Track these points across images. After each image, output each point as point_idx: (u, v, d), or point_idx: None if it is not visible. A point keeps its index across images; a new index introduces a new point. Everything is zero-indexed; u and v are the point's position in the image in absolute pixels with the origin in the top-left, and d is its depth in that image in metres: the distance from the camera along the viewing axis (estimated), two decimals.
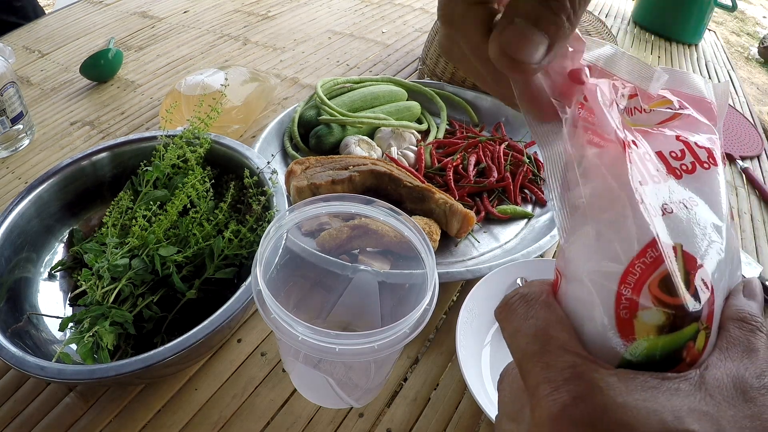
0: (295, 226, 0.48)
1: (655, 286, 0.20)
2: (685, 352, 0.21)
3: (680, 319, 0.20)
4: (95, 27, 1.29)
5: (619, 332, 0.21)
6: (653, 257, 0.20)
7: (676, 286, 0.20)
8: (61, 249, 0.63)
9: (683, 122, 0.25)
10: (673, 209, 0.22)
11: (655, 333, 0.20)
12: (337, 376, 0.48)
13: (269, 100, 0.98)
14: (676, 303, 0.20)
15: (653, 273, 0.20)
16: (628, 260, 0.20)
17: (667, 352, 0.20)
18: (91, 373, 0.44)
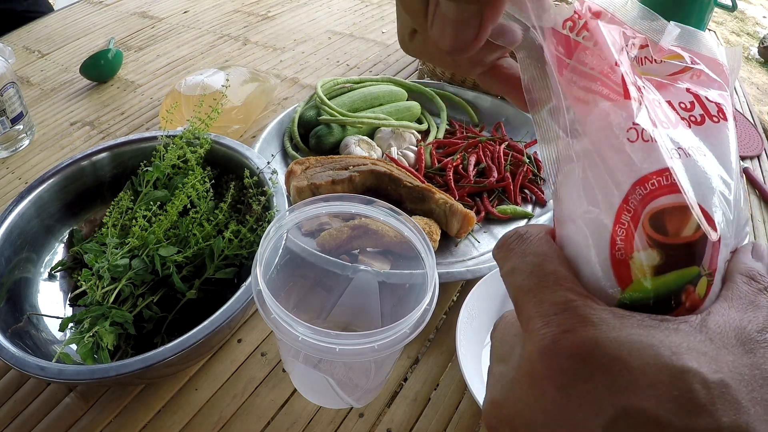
0: (295, 226, 0.48)
1: (649, 225, 0.19)
2: (684, 295, 0.20)
3: (678, 259, 0.19)
4: (95, 27, 1.29)
5: (615, 274, 0.20)
6: (648, 190, 0.19)
7: (691, 207, 0.19)
8: (61, 249, 0.63)
9: (694, 76, 0.24)
10: (680, 154, 0.20)
11: (652, 273, 0.19)
12: (337, 376, 0.48)
13: (269, 100, 0.98)
14: (669, 241, 0.19)
15: (647, 208, 0.19)
16: (622, 196, 0.20)
17: (665, 293, 0.19)
18: (92, 374, 0.44)
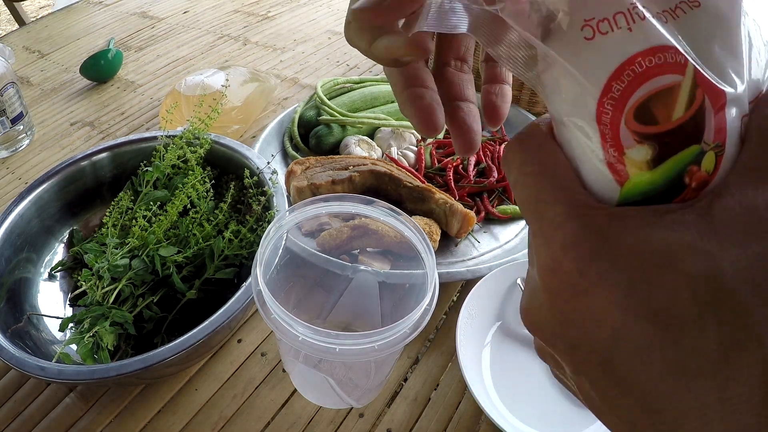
0: (295, 227, 0.48)
1: (634, 119, 0.18)
2: (687, 177, 0.18)
3: (675, 143, 0.18)
4: (95, 27, 1.29)
5: (612, 172, 0.19)
6: (624, 83, 0.18)
7: (677, 98, 0.17)
8: (61, 249, 0.63)
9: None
10: (668, 18, 0.18)
11: (649, 167, 0.18)
12: (338, 376, 0.48)
13: (269, 100, 0.98)
14: (658, 131, 0.18)
15: (628, 104, 0.18)
16: (596, 99, 0.18)
17: (665, 182, 0.18)
18: (92, 374, 0.44)
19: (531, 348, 0.57)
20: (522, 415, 0.52)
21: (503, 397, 0.53)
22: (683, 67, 0.17)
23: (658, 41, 0.18)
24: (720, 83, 0.18)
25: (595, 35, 0.18)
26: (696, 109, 0.17)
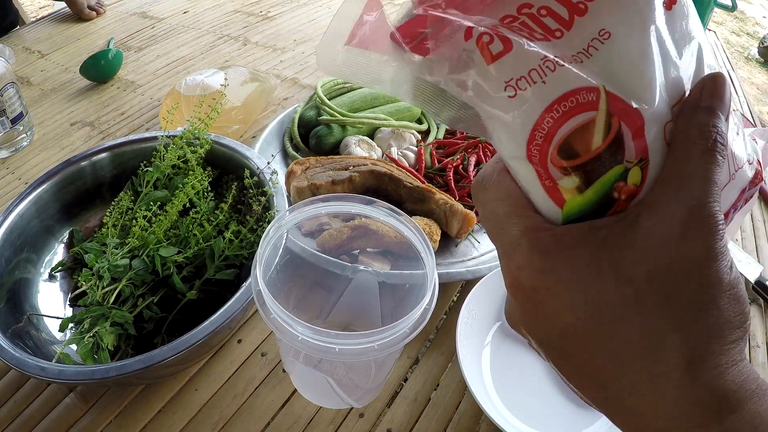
0: (295, 227, 0.48)
1: (558, 156, 0.21)
2: (616, 193, 0.21)
3: (600, 168, 0.20)
4: (95, 27, 1.29)
5: (551, 198, 0.21)
6: (545, 129, 0.21)
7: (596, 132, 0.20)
8: (62, 249, 0.63)
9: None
10: (582, 58, 0.21)
11: (580, 191, 0.21)
12: (338, 376, 0.48)
13: (269, 100, 0.98)
14: (580, 162, 0.20)
15: (550, 145, 0.21)
16: (524, 145, 0.21)
17: (597, 201, 0.21)
18: (92, 374, 0.44)
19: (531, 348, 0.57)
20: (522, 415, 0.52)
21: (503, 397, 0.53)
22: (596, 104, 0.20)
23: (571, 86, 0.20)
24: (635, 105, 0.20)
25: (516, 93, 0.21)
26: (614, 136, 0.20)
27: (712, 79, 0.22)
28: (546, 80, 0.20)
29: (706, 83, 0.22)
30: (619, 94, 0.20)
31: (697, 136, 0.21)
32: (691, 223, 0.20)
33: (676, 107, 0.22)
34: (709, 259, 0.19)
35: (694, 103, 0.22)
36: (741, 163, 0.24)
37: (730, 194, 0.24)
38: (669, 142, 0.21)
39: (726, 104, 0.22)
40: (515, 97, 0.21)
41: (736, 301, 0.20)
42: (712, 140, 0.21)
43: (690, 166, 0.20)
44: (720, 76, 0.23)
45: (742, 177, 0.24)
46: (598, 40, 0.21)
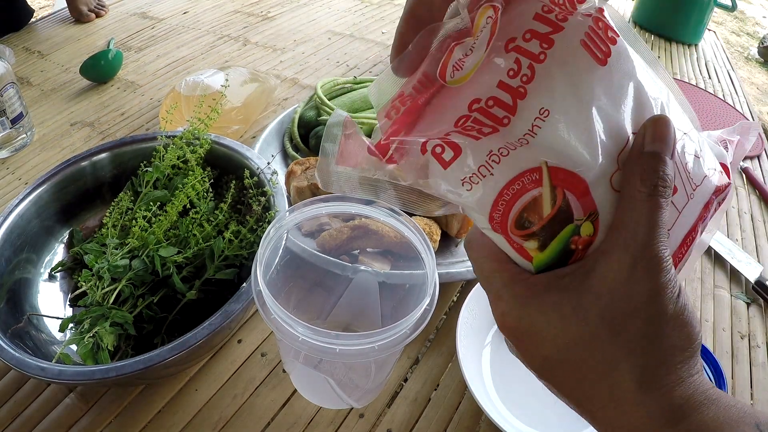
0: (295, 227, 0.48)
1: (513, 228, 0.24)
2: (573, 245, 0.24)
3: (554, 229, 0.24)
4: (95, 28, 1.29)
5: (521, 256, 0.25)
6: (500, 211, 0.24)
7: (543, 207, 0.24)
8: (61, 250, 0.63)
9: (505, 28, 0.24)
10: (528, 138, 0.24)
11: (541, 250, 0.24)
12: (338, 376, 0.48)
13: (269, 100, 0.98)
14: (535, 229, 0.24)
15: (507, 221, 0.24)
16: (487, 223, 0.25)
17: (558, 254, 0.24)
18: (92, 374, 0.44)
19: None
20: (522, 415, 0.52)
21: (503, 397, 0.53)
22: (539, 181, 0.23)
23: (515, 172, 0.24)
24: (577, 171, 0.23)
25: (472, 187, 0.24)
26: (560, 203, 0.24)
27: (653, 122, 0.24)
28: (493, 172, 0.24)
29: (647, 128, 0.24)
30: (562, 165, 0.23)
31: (640, 184, 0.23)
32: (637, 266, 0.23)
33: (621, 155, 0.24)
34: (653, 297, 0.23)
35: (637, 150, 0.24)
36: (700, 179, 0.26)
37: (691, 213, 0.26)
38: (619, 189, 0.24)
39: (669, 144, 0.24)
40: (472, 190, 0.24)
41: (682, 327, 0.23)
42: (654, 187, 0.23)
43: (635, 213, 0.23)
44: (660, 118, 0.24)
45: (705, 190, 0.27)
46: (539, 118, 0.24)
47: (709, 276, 0.73)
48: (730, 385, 0.60)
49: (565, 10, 0.24)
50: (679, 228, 0.26)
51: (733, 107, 1.13)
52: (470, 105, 0.24)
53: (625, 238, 0.23)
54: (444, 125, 0.25)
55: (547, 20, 0.24)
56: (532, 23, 0.24)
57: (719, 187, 0.27)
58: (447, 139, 0.24)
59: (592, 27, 0.24)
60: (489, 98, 0.24)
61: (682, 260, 0.27)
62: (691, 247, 0.27)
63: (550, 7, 0.24)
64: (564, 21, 0.24)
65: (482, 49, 0.24)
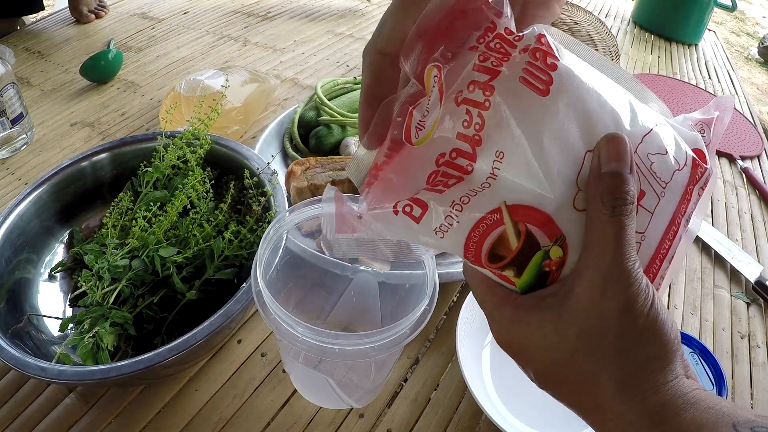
0: (295, 227, 0.48)
1: (489, 261, 0.27)
2: (546, 268, 0.26)
3: (526, 257, 0.26)
4: (95, 28, 1.29)
5: (504, 282, 0.28)
6: (472, 249, 0.27)
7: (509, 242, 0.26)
8: (61, 250, 0.63)
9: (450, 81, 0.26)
10: (491, 182, 0.26)
11: (518, 275, 0.27)
12: (338, 376, 0.48)
13: (269, 101, 0.98)
14: (507, 261, 0.26)
15: (480, 257, 0.27)
16: (463, 259, 0.28)
17: (535, 278, 0.27)
18: (92, 374, 0.44)
19: None
20: (522, 415, 0.52)
21: (503, 397, 0.53)
22: (501, 220, 0.26)
23: (477, 217, 0.26)
24: (536, 204, 0.25)
25: (444, 235, 0.27)
26: (524, 236, 0.26)
27: (605, 142, 0.25)
28: (458, 220, 0.26)
29: (601, 148, 0.25)
30: (520, 202, 0.25)
31: (601, 206, 0.25)
32: (607, 285, 0.24)
33: (579, 177, 0.26)
34: (623, 313, 0.24)
35: (595, 172, 0.25)
36: (669, 176, 0.27)
37: (665, 211, 0.27)
38: (583, 209, 0.26)
39: (625, 159, 0.25)
40: (444, 237, 0.27)
41: (656, 338, 0.25)
42: (614, 207, 0.24)
43: (601, 233, 0.25)
44: (612, 138, 0.25)
45: (676, 186, 0.27)
46: (497, 161, 0.25)
47: (709, 276, 0.73)
48: (730, 385, 0.60)
49: (503, 54, 0.25)
50: (654, 228, 0.27)
51: (734, 107, 1.13)
52: (437, 160, 0.26)
53: (595, 259, 0.25)
54: (418, 183, 0.27)
55: (485, 68, 0.25)
56: (472, 74, 0.25)
57: (694, 177, 0.28)
58: (415, 197, 0.27)
59: (530, 62, 0.25)
60: (452, 150, 0.26)
61: (666, 256, 0.28)
62: (674, 241, 0.28)
63: (486, 54, 0.25)
64: (501, 66, 0.25)
65: (437, 106, 0.26)
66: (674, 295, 0.70)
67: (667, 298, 0.69)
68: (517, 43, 0.26)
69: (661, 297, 0.27)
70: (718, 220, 0.83)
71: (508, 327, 0.27)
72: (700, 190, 0.29)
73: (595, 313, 0.25)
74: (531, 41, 0.26)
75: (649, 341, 0.25)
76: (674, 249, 0.28)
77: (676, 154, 0.28)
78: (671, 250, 0.28)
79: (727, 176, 0.94)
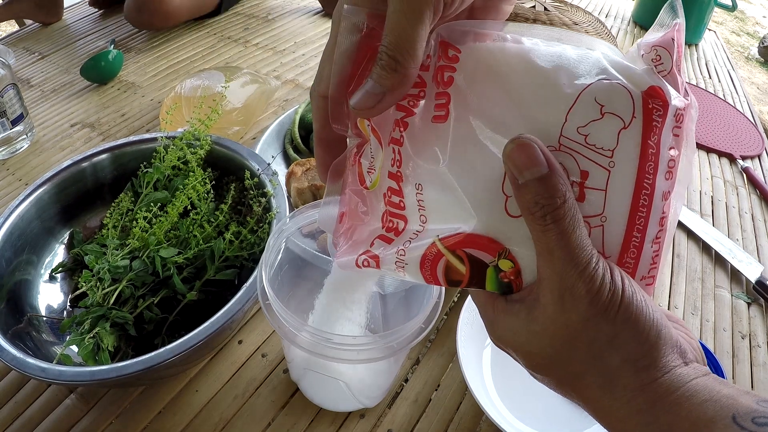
0: (297, 229, 0.48)
1: (449, 286, 0.27)
2: (505, 279, 0.26)
3: (480, 280, 0.26)
4: (96, 28, 1.29)
5: (480, 292, 0.28)
6: (431, 280, 0.27)
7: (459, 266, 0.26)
8: (62, 251, 0.63)
9: None
10: (423, 217, 0.27)
11: (484, 288, 0.27)
12: (353, 379, 0.48)
13: (270, 102, 0.98)
14: (466, 282, 0.27)
15: (441, 283, 0.27)
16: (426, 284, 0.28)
17: (500, 289, 0.27)
18: (92, 375, 0.44)
19: None
20: (522, 415, 0.52)
21: (504, 397, 0.53)
22: (440, 253, 0.26)
23: (418, 256, 0.27)
24: (465, 230, 0.25)
25: (403, 271, 0.28)
26: (467, 259, 0.26)
27: (510, 152, 0.23)
28: (406, 261, 0.27)
29: (509, 161, 0.23)
30: (451, 232, 0.26)
31: (532, 220, 0.24)
32: (564, 296, 0.24)
33: (504, 185, 0.25)
34: (587, 323, 0.23)
35: (515, 186, 0.24)
36: (614, 139, 0.24)
37: (622, 179, 0.24)
38: (519, 214, 0.25)
39: (538, 162, 0.23)
40: (405, 275, 0.28)
41: (631, 339, 0.24)
42: (544, 217, 0.23)
43: (543, 245, 0.24)
44: (516, 145, 0.23)
45: (629, 144, 0.24)
46: (419, 193, 0.26)
47: (710, 276, 0.73)
48: None
49: (418, 83, 0.26)
50: (615, 203, 0.24)
51: (734, 107, 1.13)
52: (384, 199, 0.28)
53: (547, 270, 0.24)
54: (375, 224, 0.29)
55: (402, 107, 0.26)
56: (396, 113, 0.26)
57: (652, 125, 0.24)
58: (368, 252, 0.29)
59: (437, 92, 0.25)
60: (387, 188, 0.27)
61: (647, 225, 0.25)
62: (652, 204, 0.24)
63: (408, 99, 0.26)
64: (418, 98, 0.26)
65: (379, 150, 0.27)
66: (675, 295, 0.70)
67: (668, 299, 0.69)
68: (428, 61, 0.25)
69: (664, 267, 0.26)
70: (718, 220, 0.83)
71: (494, 330, 0.28)
72: (673, 131, 0.24)
73: (561, 324, 0.24)
74: (437, 59, 0.25)
75: (623, 344, 0.24)
76: (658, 211, 0.25)
77: (615, 110, 0.24)
78: (651, 215, 0.25)
79: (727, 176, 0.93)
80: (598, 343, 0.24)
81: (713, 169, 0.94)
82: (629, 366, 0.24)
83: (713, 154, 0.98)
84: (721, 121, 1.07)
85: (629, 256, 0.25)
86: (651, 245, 0.25)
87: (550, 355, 0.25)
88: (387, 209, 0.28)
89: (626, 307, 0.23)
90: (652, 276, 0.26)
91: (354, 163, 0.29)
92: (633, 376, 0.24)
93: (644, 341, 0.24)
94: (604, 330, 0.23)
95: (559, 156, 0.24)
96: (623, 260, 0.25)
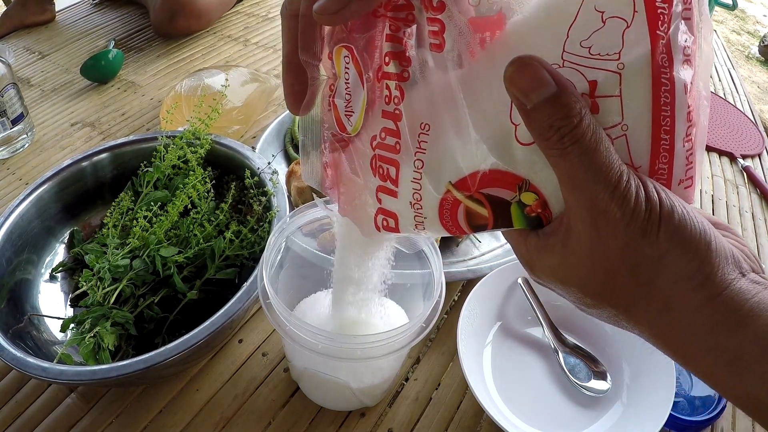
0: (297, 228, 0.48)
1: (473, 232, 0.26)
2: (531, 212, 0.24)
3: (504, 222, 0.25)
4: (95, 28, 1.29)
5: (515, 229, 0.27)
6: (457, 231, 0.26)
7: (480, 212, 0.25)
8: (62, 250, 0.63)
9: None
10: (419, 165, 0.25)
11: (512, 226, 0.25)
12: (356, 378, 0.48)
13: (270, 100, 0.98)
14: (491, 227, 0.25)
15: (466, 232, 0.26)
16: (450, 234, 0.27)
17: (529, 225, 0.25)
18: (93, 374, 0.44)
19: (532, 347, 0.57)
20: (523, 414, 0.52)
21: (504, 396, 0.53)
22: (458, 201, 0.25)
23: (436, 206, 0.26)
24: (477, 171, 0.24)
25: (424, 228, 0.27)
26: (486, 202, 0.25)
27: (511, 75, 0.21)
28: (425, 215, 0.26)
29: (513, 85, 0.21)
30: (462, 175, 0.24)
31: (548, 146, 0.22)
32: (599, 223, 0.21)
33: (512, 113, 0.23)
34: (628, 248, 0.22)
35: (524, 113, 0.22)
36: (618, 41, 0.22)
37: (637, 81, 0.22)
38: (531, 141, 0.23)
39: (545, 81, 0.21)
40: (426, 230, 0.27)
41: (681, 255, 0.21)
42: (560, 140, 0.21)
43: (564, 171, 0.22)
44: (517, 66, 0.21)
45: (636, 41, 0.22)
46: (423, 134, 0.24)
47: None
48: None
49: (408, 14, 0.23)
50: (633, 107, 0.22)
51: (734, 106, 1.13)
52: (371, 143, 0.25)
53: (574, 197, 0.22)
54: (368, 176, 0.27)
55: (396, 38, 0.24)
56: (386, 45, 0.24)
57: (657, 14, 0.21)
58: (383, 209, 0.27)
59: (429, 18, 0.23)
60: (381, 129, 0.25)
61: (675, 122, 0.22)
62: (675, 96, 0.22)
63: (396, 25, 0.23)
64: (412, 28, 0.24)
65: (359, 88, 0.24)
66: None
67: None
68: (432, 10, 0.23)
69: (701, 164, 0.24)
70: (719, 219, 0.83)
71: (529, 266, 0.26)
72: (683, 14, 0.22)
73: (600, 254, 0.22)
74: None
75: (670, 264, 0.21)
76: (684, 105, 0.22)
77: (616, 12, 0.21)
78: (677, 111, 0.22)
79: (727, 175, 0.93)
80: (644, 267, 0.22)
81: (713, 168, 0.94)
82: (681, 286, 0.22)
83: (713, 153, 0.98)
84: (722, 120, 1.07)
85: (661, 162, 0.23)
86: (683, 144, 0.23)
87: (593, 288, 0.23)
88: (376, 153, 0.25)
89: (667, 223, 0.21)
90: (690, 177, 0.24)
91: (330, 107, 0.26)
92: (687, 296, 0.22)
93: (694, 257, 0.21)
94: (647, 253, 0.21)
95: (564, 72, 0.22)
96: (655, 167, 0.23)
